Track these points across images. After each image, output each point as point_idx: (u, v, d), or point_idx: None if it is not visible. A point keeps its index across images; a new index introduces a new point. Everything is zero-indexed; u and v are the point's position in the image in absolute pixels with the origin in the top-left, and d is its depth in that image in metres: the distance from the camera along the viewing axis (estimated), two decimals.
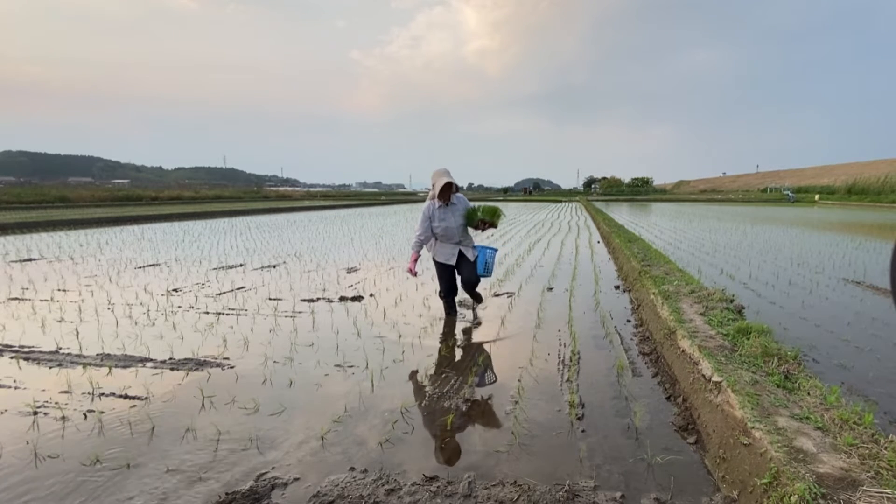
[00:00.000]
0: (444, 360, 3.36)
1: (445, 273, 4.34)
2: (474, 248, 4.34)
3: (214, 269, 7.02)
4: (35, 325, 4.12)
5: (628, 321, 4.38)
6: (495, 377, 3.09)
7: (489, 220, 4.28)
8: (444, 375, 3.10)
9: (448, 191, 4.08)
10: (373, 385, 2.92)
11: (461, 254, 4.28)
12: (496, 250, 4.41)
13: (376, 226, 15.67)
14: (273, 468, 2.05)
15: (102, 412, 2.54)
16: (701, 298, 4.10)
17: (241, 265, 7.33)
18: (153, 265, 7.29)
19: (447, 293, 4.42)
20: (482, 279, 4.40)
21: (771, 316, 4.41)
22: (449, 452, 2.21)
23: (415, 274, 4.18)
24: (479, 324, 4.26)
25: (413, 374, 3.10)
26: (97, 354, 3.40)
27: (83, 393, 2.78)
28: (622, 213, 23.66)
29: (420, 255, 4.20)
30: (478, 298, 4.57)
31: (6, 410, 2.57)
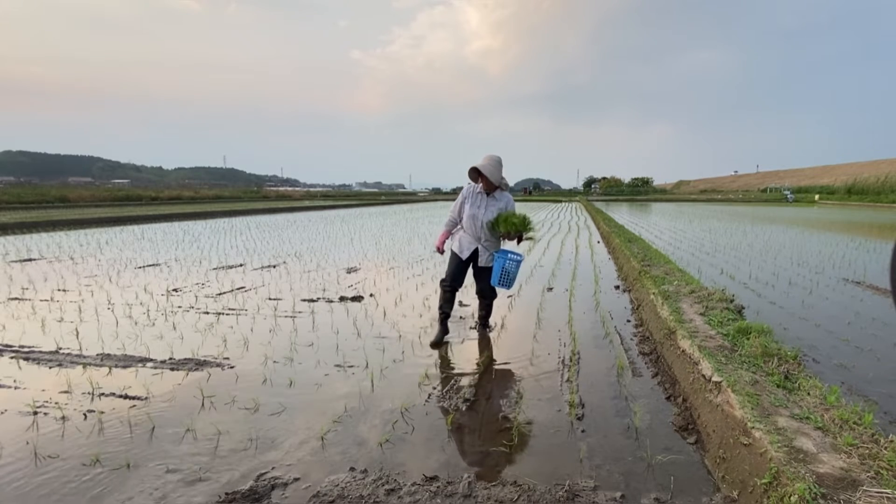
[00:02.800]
0: (444, 360, 3.36)
1: (454, 262, 3.78)
2: (493, 254, 3.72)
3: (214, 269, 7.02)
4: (35, 325, 4.11)
5: (628, 321, 4.38)
6: (495, 377, 3.09)
7: (512, 233, 3.61)
8: (444, 375, 3.10)
9: (483, 179, 3.57)
10: (373, 385, 2.92)
11: (477, 254, 3.75)
12: (521, 258, 3.67)
13: (376, 226, 15.67)
14: (273, 468, 2.05)
15: (102, 412, 2.54)
16: (701, 298, 4.10)
17: (241, 265, 7.32)
18: (153, 265, 7.29)
19: (450, 281, 3.76)
20: (500, 291, 3.88)
21: (771, 316, 4.41)
22: (449, 452, 2.21)
23: (441, 252, 3.74)
24: (482, 327, 4.03)
25: (413, 374, 3.10)
26: (97, 354, 3.40)
27: (83, 393, 2.78)
28: (622, 213, 23.66)
29: (451, 234, 3.85)
30: (486, 318, 4.01)
31: (6, 410, 2.57)
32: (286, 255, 8.39)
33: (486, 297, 3.91)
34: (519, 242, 3.76)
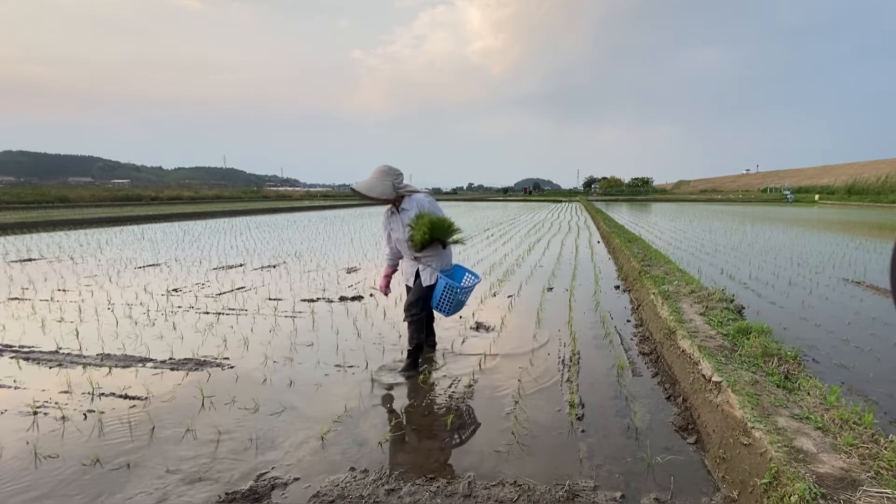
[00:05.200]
0: (444, 360, 3.36)
1: (409, 294, 3.31)
2: (436, 267, 3.12)
3: (214, 269, 7.02)
4: (35, 325, 4.11)
5: (628, 321, 4.38)
6: (495, 377, 3.08)
7: (421, 242, 2.93)
8: (443, 375, 3.10)
9: (371, 200, 3.03)
10: (372, 385, 2.92)
11: (418, 275, 3.19)
12: (477, 278, 3.22)
13: (376, 226, 15.67)
14: (273, 468, 2.05)
15: (102, 412, 2.54)
16: (701, 298, 4.10)
17: (241, 265, 7.33)
18: (153, 265, 7.29)
19: (413, 305, 3.22)
20: (448, 315, 3.22)
21: (771, 316, 4.41)
22: (449, 452, 2.21)
23: (385, 293, 3.29)
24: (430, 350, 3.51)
25: (413, 374, 3.10)
26: (97, 354, 3.40)
27: (83, 393, 2.78)
28: (622, 213, 23.66)
29: (396, 270, 3.34)
30: (427, 342, 3.40)
31: (6, 410, 2.57)
32: (286, 255, 8.39)
33: (406, 311, 3.19)
34: (444, 248, 3.15)
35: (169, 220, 17.52)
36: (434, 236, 2.97)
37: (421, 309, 3.15)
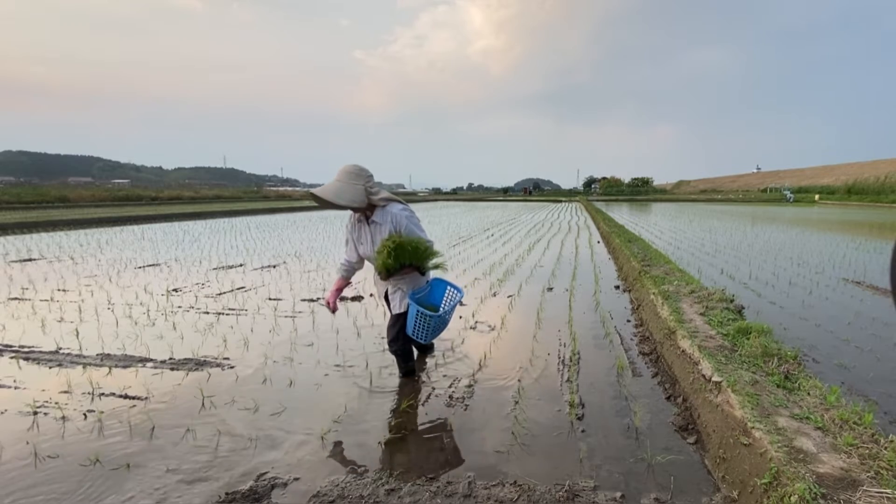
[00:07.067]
0: (444, 360, 3.36)
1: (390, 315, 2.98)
2: (406, 290, 2.82)
3: (214, 269, 7.02)
4: (35, 325, 4.11)
5: (628, 321, 4.38)
6: (495, 377, 3.08)
7: (391, 269, 2.59)
8: (443, 375, 3.10)
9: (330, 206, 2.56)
10: (372, 385, 2.92)
11: (387, 296, 2.93)
12: (460, 293, 2.94)
13: None
14: (273, 468, 2.05)
15: (102, 412, 2.54)
16: (701, 298, 4.10)
17: (241, 265, 7.32)
18: (153, 265, 7.29)
19: (393, 342, 2.91)
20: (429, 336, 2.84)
21: (771, 316, 4.41)
22: (449, 452, 2.21)
23: (332, 310, 2.82)
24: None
25: (412, 376, 3.10)
26: (97, 354, 3.40)
27: (83, 393, 2.78)
28: (622, 213, 23.66)
29: (349, 283, 2.81)
30: (409, 363, 3.03)
31: (6, 410, 2.57)
32: (286, 255, 8.39)
33: (389, 346, 2.96)
34: (423, 275, 2.85)
35: (169, 220, 17.52)
36: (407, 262, 2.63)
37: (403, 342, 2.90)
